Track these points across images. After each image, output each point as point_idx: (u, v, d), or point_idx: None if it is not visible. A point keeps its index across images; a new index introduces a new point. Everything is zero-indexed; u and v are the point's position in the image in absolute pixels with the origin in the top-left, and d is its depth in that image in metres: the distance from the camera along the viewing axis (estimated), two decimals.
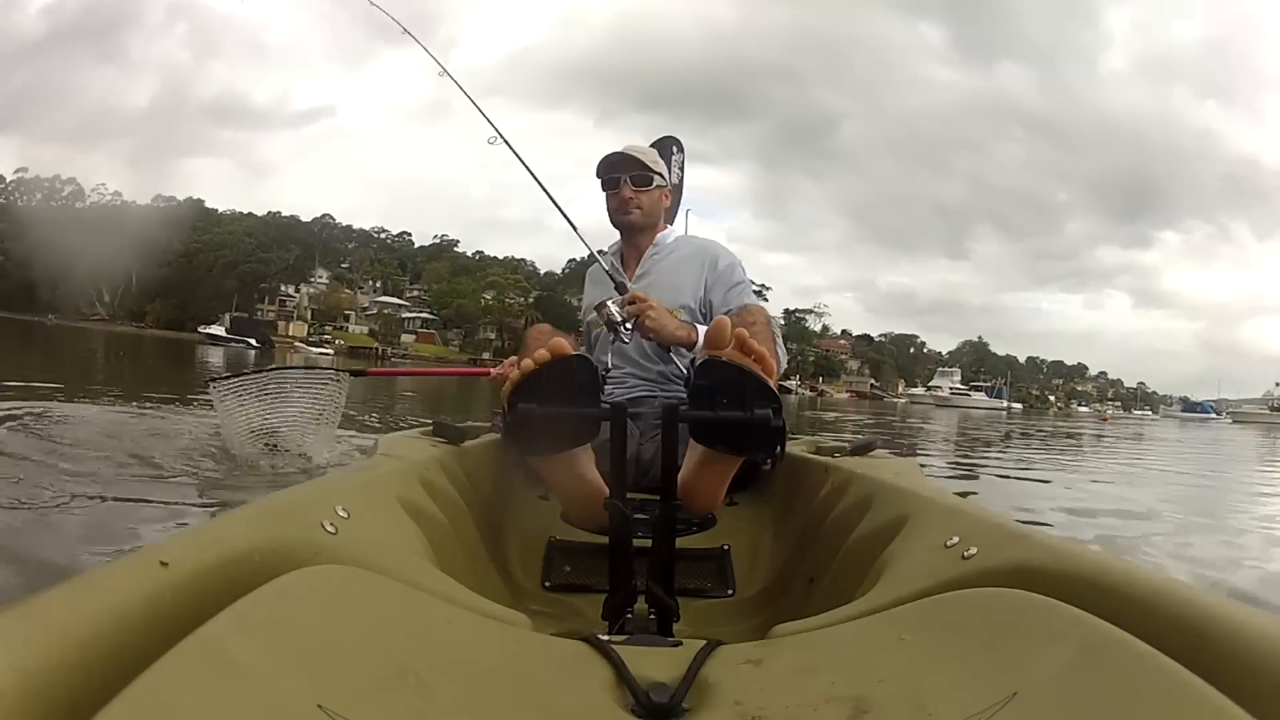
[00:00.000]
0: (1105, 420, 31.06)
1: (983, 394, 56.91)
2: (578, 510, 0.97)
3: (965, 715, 0.39)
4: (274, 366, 2.96)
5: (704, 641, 0.53)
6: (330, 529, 0.59)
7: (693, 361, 0.82)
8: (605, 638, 0.52)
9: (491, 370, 1.71)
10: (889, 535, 0.77)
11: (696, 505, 0.94)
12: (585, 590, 0.97)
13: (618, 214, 1.52)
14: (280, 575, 0.47)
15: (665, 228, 1.59)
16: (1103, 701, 0.37)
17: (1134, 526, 2.92)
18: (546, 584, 1.00)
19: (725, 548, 1.05)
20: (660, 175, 1.52)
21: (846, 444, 1.26)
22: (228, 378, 2.65)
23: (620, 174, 1.49)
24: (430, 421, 1.25)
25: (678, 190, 1.73)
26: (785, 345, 1.40)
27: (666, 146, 1.76)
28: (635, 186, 1.49)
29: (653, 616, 0.79)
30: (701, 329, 1.34)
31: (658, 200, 1.52)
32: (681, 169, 1.73)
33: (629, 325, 1.30)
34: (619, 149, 1.50)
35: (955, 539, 0.65)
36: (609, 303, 1.31)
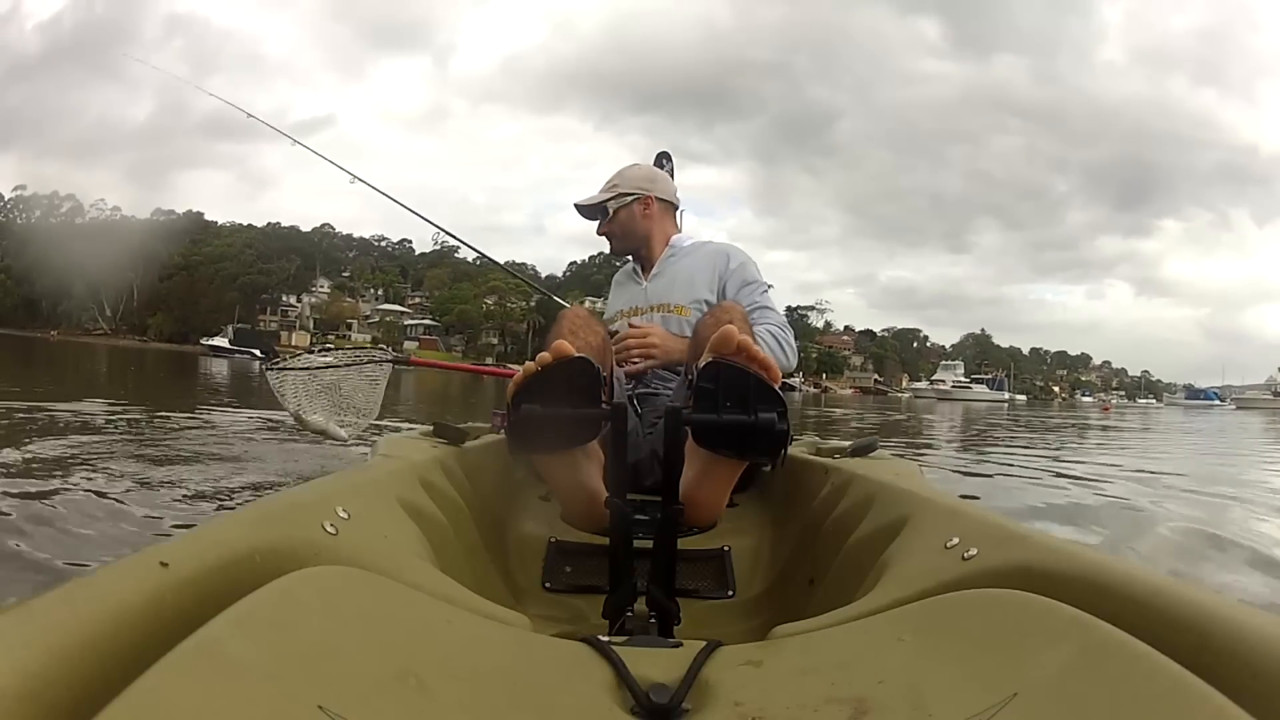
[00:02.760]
0: (1107, 410, 31.01)
1: (984, 386, 56.72)
2: (578, 511, 0.97)
3: (965, 716, 0.39)
4: (324, 348, 3.23)
5: (704, 642, 0.53)
6: (330, 530, 0.59)
7: (695, 365, 0.82)
8: (605, 638, 0.52)
9: None
10: (889, 536, 0.77)
11: (700, 515, 0.94)
12: (586, 591, 0.97)
13: (608, 243, 1.63)
14: (280, 576, 0.47)
15: (677, 232, 1.64)
16: (1103, 702, 0.37)
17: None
18: (547, 585, 1.00)
19: (725, 549, 1.04)
20: (625, 192, 1.57)
21: (847, 444, 1.26)
22: (283, 366, 2.95)
23: (590, 220, 1.60)
24: (430, 422, 1.25)
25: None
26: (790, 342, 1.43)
27: (659, 162, 1.83)
28: (604, 221, 1.59)
29: (653, 620, 0.79)
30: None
31: (630, 216, 1.58)
32: (672, 177, 1.80)
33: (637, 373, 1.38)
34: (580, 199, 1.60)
35: (955, 540, 0.65)
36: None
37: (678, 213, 1.69)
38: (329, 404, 2.88)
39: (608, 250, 1.66)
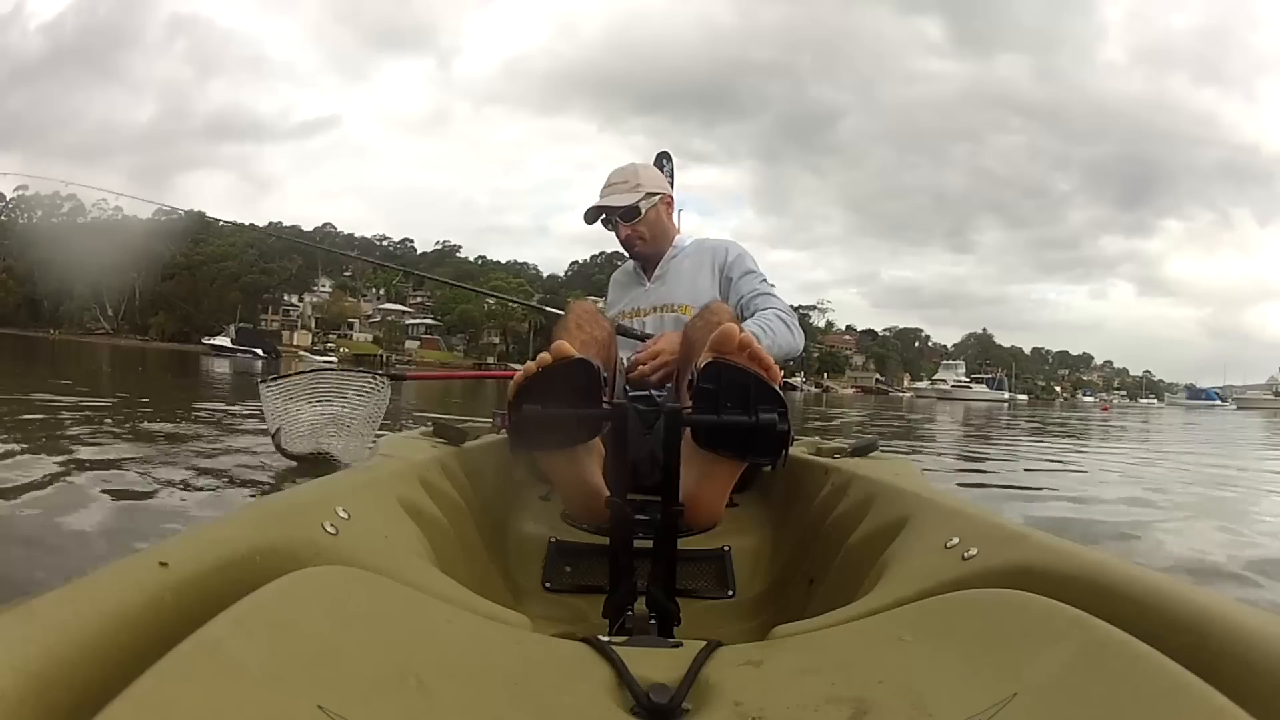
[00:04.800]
0: (1106, 409, 30.95)
1: (984, 386, 56.60)
2: (579, 506, 0.97)
3: (965, 716, 0.39)
4: (320, 368, 3.09)
5: (704, 642, 0.53)
6: (330, 530, 0.59)
7: (695, 365, 0.83)
8: (606, 639, 0.52)
9: None
10: (889, 536, 0.77)
11: (700, 516, 0.94)
12: (586, 591, 0.97)
13: (627, 249, 1.57)
14: (280, 576, 0.47)
15: (679, 232, 1.63)
16: (1103, 702, 0.37)
17: None
18: (547, 585, 1.00)
19: (725, 549, 1.04)
20: (651, 192, 1.53)
21: (847, 445, 1.26)
22: (276, 378, 2.81)
23: (608, 219, 1.53)
24: (430, 422, 1.25)
25: None
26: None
27: (659, 162, 1.82)
28: (628, 224, 1.52)
29: (653, 620, 0.79)
30: None
31: (657, 218, 1.55)
32: (671, 177, 1.79)
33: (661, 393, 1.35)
34: (596, 201, 1.53)
35: (955, 540, 0.65)
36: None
37: (676, 213, 1.68)
38: (322, 425, 2.76)
39: (628, 255, 1.61)
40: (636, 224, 1.52)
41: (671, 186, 1.74)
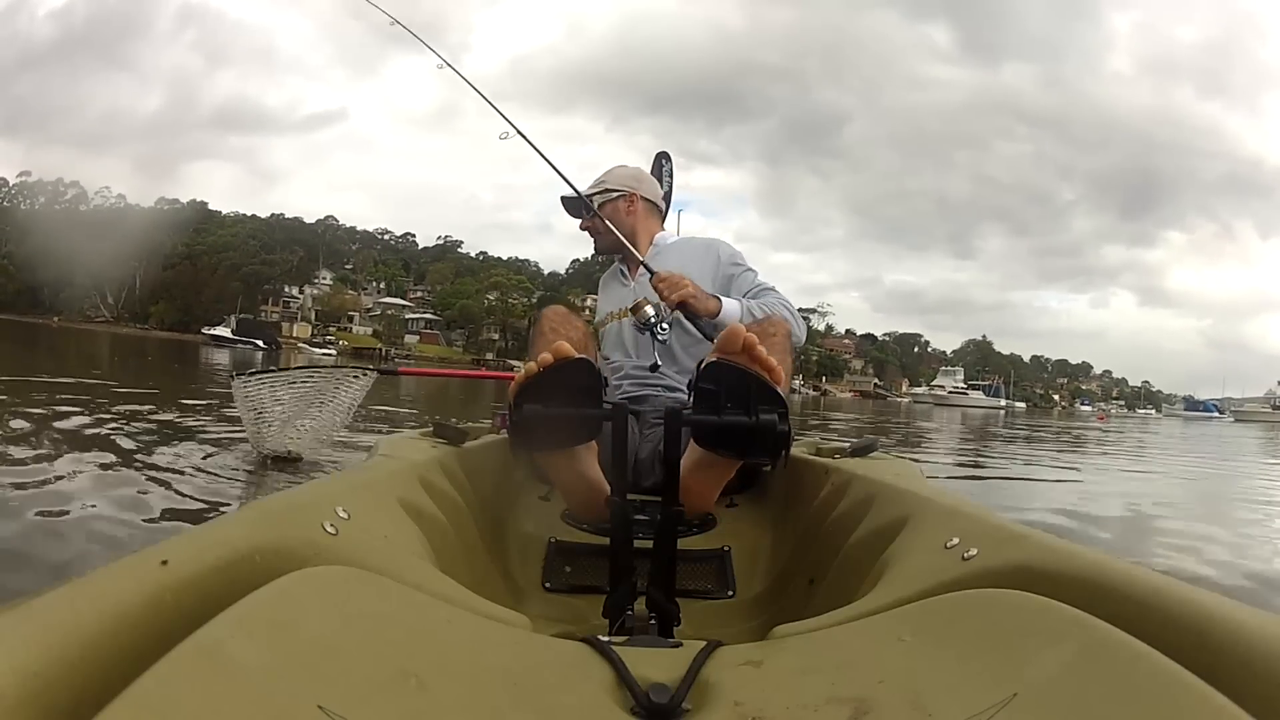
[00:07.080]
0: (1103, 419, 30.93)
1: (980, 393, 56.69)
2: (579, 503, 0.98)
3: (965, 716, 0.38)
4: (300, 366, 2.93)
5: (704, 642, 0.53)
6: (330, 530, 0.59)
7: (699, 363, 0.83)
8: (605, 638, 0.52)
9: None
10: (889, 536, 0.77)
11: (693, 502, 0.94)
12: (586, 591, 0.97)
13: (592, 239, 1.64)
14: (280, 576, 0.47)
15: (661, 231, 1.64)
16: (1103, 702, 0.37)
17: None
18: (547, 585, 1.00)
19: (726, 549, 1.05)
20: (611, 189, 1.58)
21: (847, 445, 1.26)
22: (253, 373, 2.68)
23: (575, 216, 1.62)
24: (430, 422, 1.25)
25: (666, 196, 1.80)
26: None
27: (658, 163, 1.84)
28: (587, 217, 1.60)
29: (653, 620, 0.79)
30: (729, 302, 1.37)
31: (615, 212, 1.59)
32: (670, 177, 1.82)
33: (665, 324, 1.36)
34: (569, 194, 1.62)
35: (955, 540, 0.65)
36: (646, 305, 1.35)
37: (675, 213, 1.69)
38: (295, 415, 2.66)
39: (592, 248, 1.67)
40: (592, 219, 1.59)
41: (670, 187, 1.75)
